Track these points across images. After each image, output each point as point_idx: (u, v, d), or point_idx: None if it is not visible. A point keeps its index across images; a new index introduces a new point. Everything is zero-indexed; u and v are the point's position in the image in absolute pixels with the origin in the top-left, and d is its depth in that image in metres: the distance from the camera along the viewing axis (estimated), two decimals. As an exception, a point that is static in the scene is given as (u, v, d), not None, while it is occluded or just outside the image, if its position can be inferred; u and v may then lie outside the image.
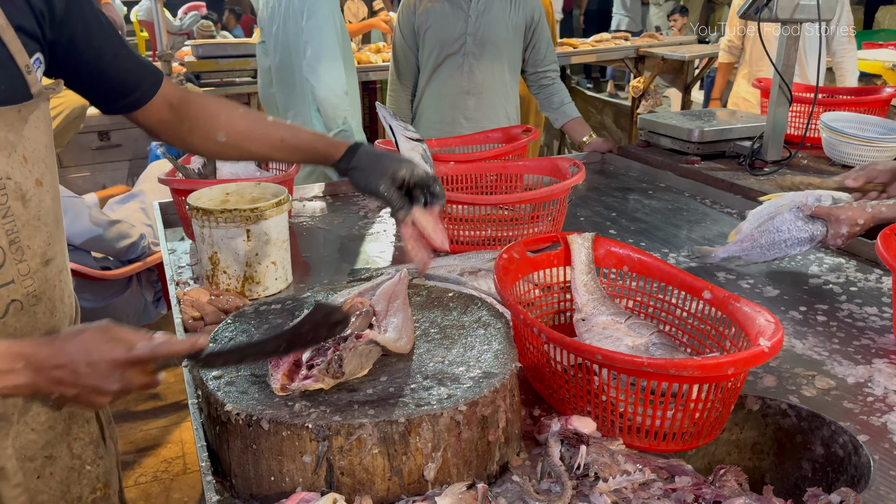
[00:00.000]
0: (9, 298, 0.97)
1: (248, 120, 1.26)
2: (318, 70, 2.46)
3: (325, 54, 2.44)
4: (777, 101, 2.37)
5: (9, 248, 0.96)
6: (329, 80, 2.44)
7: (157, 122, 1.21)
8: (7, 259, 0.96)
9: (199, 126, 1.23)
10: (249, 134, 1.24)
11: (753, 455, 1.24)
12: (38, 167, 0.99)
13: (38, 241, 1.01)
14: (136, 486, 2.66)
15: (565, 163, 1.97)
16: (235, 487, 0.99)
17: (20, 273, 0.98)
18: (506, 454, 1.03)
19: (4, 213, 0.95)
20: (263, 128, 1.26)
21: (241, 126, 1.25)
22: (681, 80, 5.45)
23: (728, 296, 1.17)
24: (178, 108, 1.21)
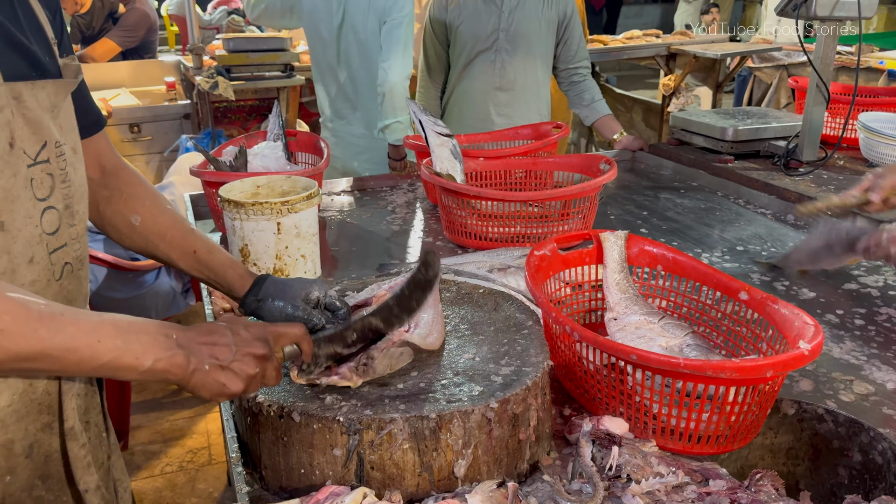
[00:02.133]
0: (63, 261, 0.99)
1: (171, 218, 1.18)
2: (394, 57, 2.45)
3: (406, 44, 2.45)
4: (814, 100, 2.33)
5: (64, 211, 0.98)
6: (403, 68, 2.45)
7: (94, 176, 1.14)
8: (62, 223, 0.98)
9: (119, 201, 1.16)
10: (165, 232, 1.17)
11: (788, 460, 1.21)
12: (71, 136, 1.02)
13: (83, 207, 1.04)
14: (162, 475, 2.69)
15: (596, 160, 1.95)
16: (265, 479, 0.99)
17: (71, 237, 1.00)
18: (536, 453, 1.02)
19: (64, 178, 0.98)
20: (182, 232, 1.18)
21: (162, 221, 1.17)
22: (712, 78, 5.37)
23: (765, 297, 1.14)
24: (108, 174, 1.16)
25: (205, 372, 0.86)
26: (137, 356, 0.81)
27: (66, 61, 1.01)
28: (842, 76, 4.40)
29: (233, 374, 0.87)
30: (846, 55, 4.54)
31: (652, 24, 7.24)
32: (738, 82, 6.47)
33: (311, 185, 1.60)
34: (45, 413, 0.98)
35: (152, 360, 0.82)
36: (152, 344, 0.82)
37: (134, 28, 5.17)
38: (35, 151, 0.93)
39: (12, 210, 0.91)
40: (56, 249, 0.98)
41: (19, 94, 0.91)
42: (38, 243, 0.95)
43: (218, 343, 0.87)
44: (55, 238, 0.98)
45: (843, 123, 2.40)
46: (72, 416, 1.01)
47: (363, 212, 2.20)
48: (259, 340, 0.90)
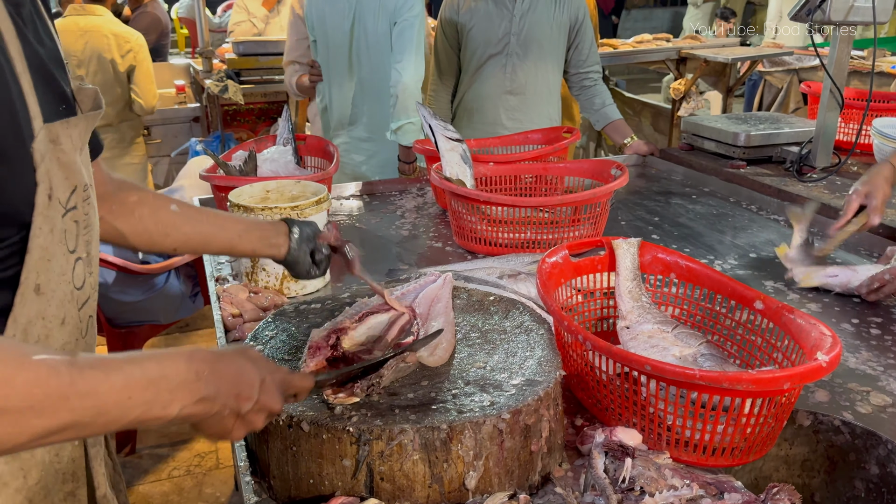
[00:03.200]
0: (87, 315, 0.93)
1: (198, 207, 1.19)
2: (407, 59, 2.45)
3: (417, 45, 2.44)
4: (827, 105, 2.30)
5: (86, 259, 0.90)
6: (416, 69, 2.44)
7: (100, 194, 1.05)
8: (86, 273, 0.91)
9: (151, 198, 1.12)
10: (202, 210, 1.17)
11: (803, 472, 1.19)
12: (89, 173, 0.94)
13: (96, 251, 0.96)
14: (169, 479, 2.69)
15: (607, 165, 1.94)
16: (274, 489, 0.98)
17: (91, 287, 0.93)
18: (548, 464, 1.01)
19: (86, 224, 0.90)
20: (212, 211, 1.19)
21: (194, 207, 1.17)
22: (723, 82, 5.35)
23: (781, 306, 1.13)
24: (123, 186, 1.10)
25: (221, 417, 0.79)
26: (165, 406, 0.73)
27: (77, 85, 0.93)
28: (853, 80, 4.37)
29: (243, 424, 0.82)
30: (857, 59, 4.51)
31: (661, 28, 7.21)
32: (749, 87, 6.44)
33: (320, 189, 1.59)
34: (69, 482, 0.93)
35: (179, 408, 0.74)
36: (180, 389, 0.74)
37: (145, 32, 5.19)
38: (66, 198, 0.85)
39: (49, 269, 0.83)
40: (83, 304, 0.91)
41: (56, 137, 0.82)
42: (70, 301, 0.87)
43: (244, 393, 0.80)
44: (82, 292, 0.90)
45: (856, 129, 2.37)
46: (103, 483, 0.97)
47: (372, 216, 2.19)
48: (279, 394, 0.84)
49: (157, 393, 0.72)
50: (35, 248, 0.80)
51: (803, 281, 1.62)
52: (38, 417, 0.64)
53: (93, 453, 0.96)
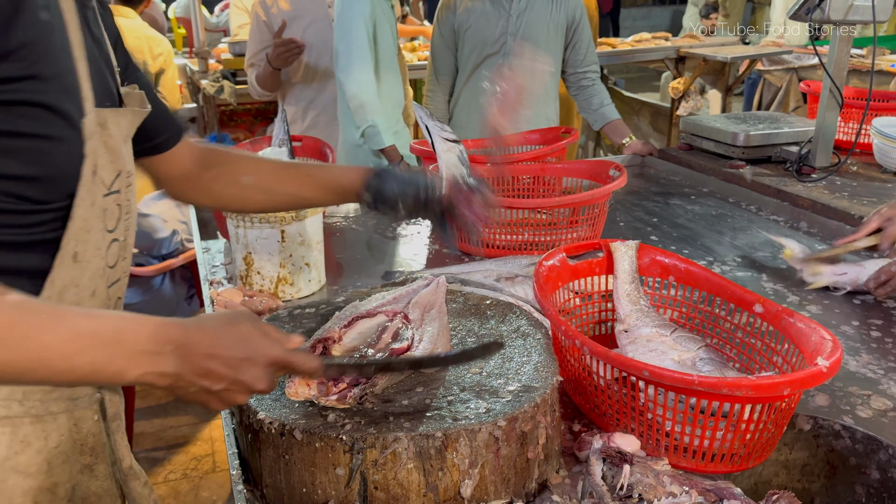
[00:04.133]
0: (116, 295, 0.97)
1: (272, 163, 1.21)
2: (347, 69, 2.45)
3: (355, 54, 2.43)
4: (827, 105, 2.29)
5: (123, 243, 0.96)
6: (357, 77, 2.43)
7: (181, 174, 1.17)
8: (120, 255, 0.96)
9: (224, 172, 1.18)
10: (276, 174, 1.19)
11: (803, 477, 1.18)
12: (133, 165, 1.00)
13: (132, 238, 1.02)
14: (166, 482, 2.67)
15: (606, 166, 1.92)
16: (266, 497, 0.97)
17: (123, 270, 0.99)
18: (545, 472, 0.99)
19: (128, 210, 0.96)
20: (288, 166, 1.22)
21: (268, 167, 1.20)
22: (722, 81, 5.33)
23: (781, 310, 1.11)
24: (202, 158, 1.18)
25: (188, 392, 0.79)
26: (119, 371, 0.73)
27: (127, 90, 1.00)
28: (853, 79, 4.36)
29: (219, 399, 0.80)
30: (857, 58, 4.50)
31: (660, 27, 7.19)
32: (748, 86, 6.42)
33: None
34: (87, 454, 0.95)
35: (137, 374, 0.74)
36: (139, 357, 0.74)
37: (141, 31, 5.17)
38: (111, 181, 0.91)
39: (87, 241, 0.88)
40: (113, 283, 0.96)
41: (105, 122, 0.89)
42: (101, 276, 0.92)
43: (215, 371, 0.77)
44: (114, 271, 0.95)
45: (856, 128, 2.36)
46: (127, 454, 0.99)
47: (368, 218, 2.17)
48: (264, 376, 0.81)
49: (108, 356, 0.72)
50: (77, 217, 0.86)
51: (814, 282, 1.61)
52: None
53: (113, 427, 0.98)
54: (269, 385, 0.82)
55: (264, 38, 2.86)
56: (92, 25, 0.93)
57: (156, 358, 0.74)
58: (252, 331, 0.81)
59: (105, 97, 0.91)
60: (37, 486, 0.91)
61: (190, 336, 0.77)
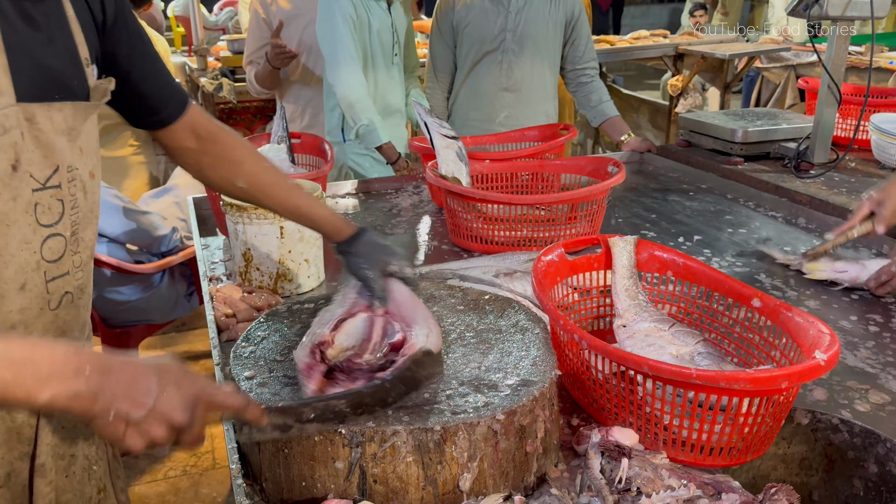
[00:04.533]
0: (63, 290, 0.96)
1: (272, 176, 1.24)
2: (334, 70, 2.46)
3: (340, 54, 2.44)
4: (825, 101, 2.29)
5: (69, 238, 0.95)
6: (345, 78, 2.44)
7: (180, 148, 1.20)
8: (66, 250, 0.95)
9: (221, 166, 1.21)
10: (269, 191, 1.23)
11: (801, 471, 1.18)
12: (91, 159, 0.99)
13: (90, 234, 1.01)
14: (166, 480, 2.67)
15: (604, 162, 1.93)
16: (266, 491, 0.97)
17: (74, 265, 0.98)
18: (544, 465, 0.99)
19: (73, 205, 0.95)
20: (284, 190, 1.24)
21: (264, 180, 1.22)
22: (720, 79, 5.33)
23: (779, 304, 1.11)
24: (205, 141, 1.20)
25: (106, 421, 0.75)
26: (29, 391, 0.71)
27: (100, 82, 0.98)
28: (851, 76, 4.36)
29: (136, 433, 0.77)
30: (855, 55, 4.50)
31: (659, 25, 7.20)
32: (746, 83, 6.42)
33: (314, 188, 1.58)
34: (24, 443, 0.95)
35: (48, 396, 0.71)
36: (51, 378, 0.72)
37: (139, 30, 5.17)
38: (45, 176, 0.90)
39: (6, 235, 0.87)
40: (56, 277, 0.95)
41: (32, 116, 0.87)
42: (35, 270, 0.91)
43: (135, 397, 0.75)
44: (57, 266, 0.95)
45: (854, 125, 2.36)
46: (45, 451, 0.97)
47: (367, 214, 2.18)
48: (184, 408, 0.78)
49: (18, 376, 0.71)
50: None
51: (810, 272, 1.61)
52: None
53: (42, 423, 0.98)
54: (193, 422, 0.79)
55: (263, 36, 2.86)
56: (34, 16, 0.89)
57: (70, 379, 0.73)
58: (177, 368, 0.80)
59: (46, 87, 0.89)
60: None
61: (111, 362, 0.76)
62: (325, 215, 1.25)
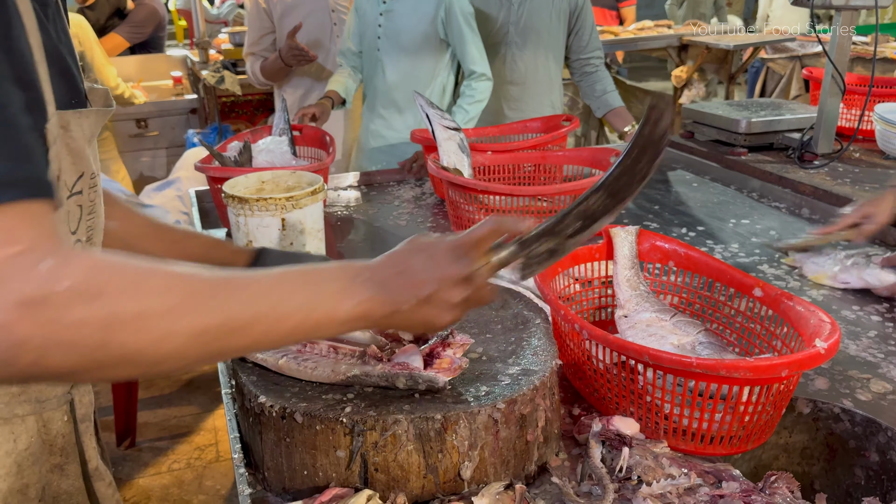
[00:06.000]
0: None
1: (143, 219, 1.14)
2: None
3: None
4: (829, 91, 2.28)
5: (85, 244, 0.93)
6: None
7: None
8: None
9: None
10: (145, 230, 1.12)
11: (802, 460, 1.18)
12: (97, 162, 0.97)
13: (100, 237, 0.99)
14: (170, 472, 2.69)
15: (606, 153, 1.92)
16: (268, 480, 0.97)
17: None
18: (544, 454, 1.00)
19: (91, 210, 0.92)
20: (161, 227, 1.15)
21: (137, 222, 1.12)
22: (725, 70, 5.31)
23: (780, 293, 1.11)
24: None
25: (407, 311, 0.77)
26: (333, 307, 0.72)
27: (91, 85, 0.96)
28: (857, 67, 4.34)
29: (437, 306, 0.78)
30: (860, 45, 4.47)
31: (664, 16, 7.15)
32: (751, 74, 6.39)
33: (316, 180, 1.58)
34: (56, 454, 0.95)
35: (351, 305, 0.73)
36: (345, 291, 0.73)
37: (142, 24, 5.16)
38: (73, 182, 0.88)
39: None
40: None
41: (67, 124, 0.85)
42: None
43: (415, 276, 0.77)
44: None
45: (858, 115, 2.35)
46: (94, 455, 0.98)
47: (370, 207, 2.18)
48: (457, 260, 0.79)
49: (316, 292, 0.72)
50: None
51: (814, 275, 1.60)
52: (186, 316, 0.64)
53: (82, 428, 0.98)
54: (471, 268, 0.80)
55: (264, 26, 2.86)
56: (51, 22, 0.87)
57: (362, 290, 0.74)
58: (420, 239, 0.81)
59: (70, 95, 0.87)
60: (6, 488, 0.90)
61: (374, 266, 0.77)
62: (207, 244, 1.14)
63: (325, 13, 2.94)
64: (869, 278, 1.50)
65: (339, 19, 2.96)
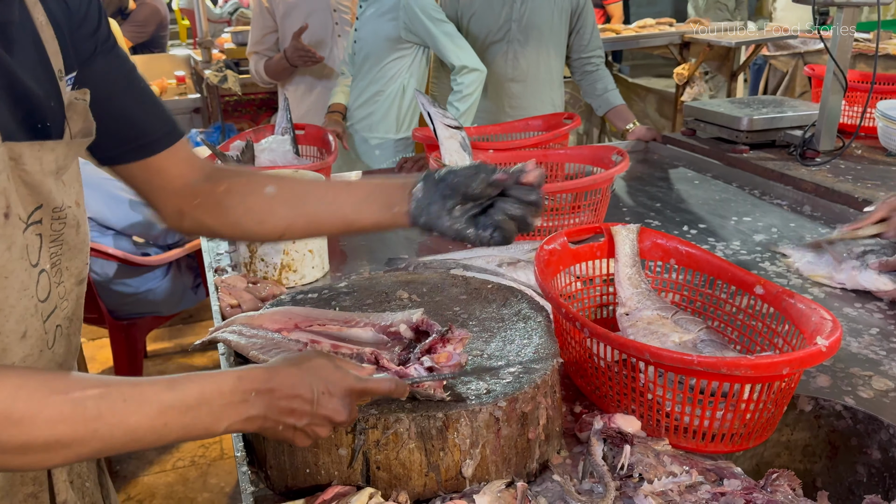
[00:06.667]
0: (55, 325, 0.91)
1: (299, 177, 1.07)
2: None
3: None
4: (831, 88, 2.28)
5: (50, 270, 0.89)
6: None
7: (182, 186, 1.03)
8: (50, 284, 0.89)
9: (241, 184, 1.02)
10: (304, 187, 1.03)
11: (804, 457, 1.19)
12: (74, 188, 0.92)
13: (78, 263, 0.95)
14: (174, 470, 2.70)
15: (608, 151, 1.92)
16: (271, 479, 0.98)
17: (59, 296, 0.92)
18: (546, 452, 1.00)
19: (54, 238, 0.89)
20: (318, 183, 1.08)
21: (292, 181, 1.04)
22: (727, 67, 5.30)
23: (781, 291, 1.11)
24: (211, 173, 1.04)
25: (276, 431, 0.81)
26: (208, 427, 0.75)
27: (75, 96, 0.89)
28: (859, 63, 4.33)
29: (304, 435, 0.83)
30: (863, 42, 4.46)
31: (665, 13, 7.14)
32: (753, 71, 6.37)
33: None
34: (29, 484, 0.93)
35: (225, 426, 0.76)
36: (225, 410, 0.76)
37: (144, 23, 5.18)
38: (28, 213, 0.83)
39: (5, 288, 0.80)
40: (49, 315, 0.89)
41: (19, 156, 0.80)
42: (33, 315, 0.85)
43: (298, 409, 0.80)
44: (48, 303, 0.88)
45: (860, 112, 2.35)
46: (64, 488, 0.96)
47: (372, 205, 2.17)
48: (343, 406, 0.83)
49: (196, 417, 0.74)
50: None
51: (811, 273, 1.60)
52: (66, 448, 0.69)
53: None
54: (350, 415, 0.84)
55: (267, 25, 2.87)
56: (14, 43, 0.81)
57: (241, 406, 0.77)
58: (326, 365, 0.83)
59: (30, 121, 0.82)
60: None
61: (270, 380, 0.79)
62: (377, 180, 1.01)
63: (327, 12, 2.95)
64: (865, 283, 1.50)
65: (341, 18, 2.97)
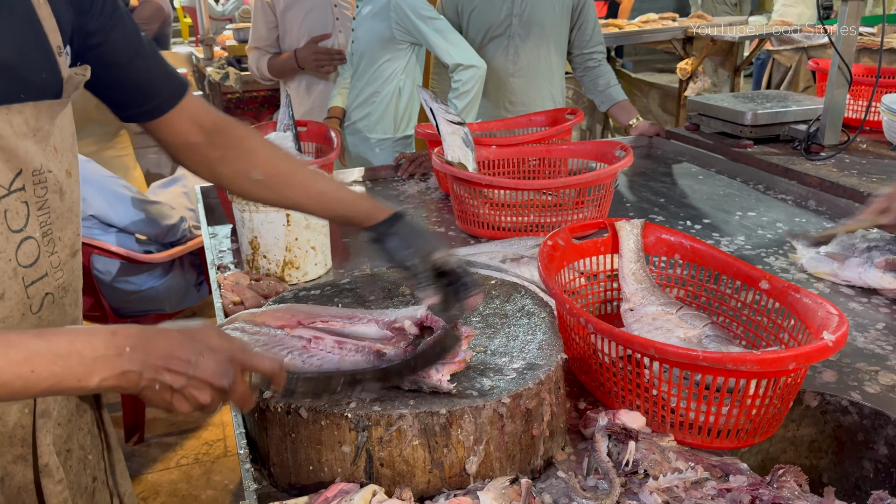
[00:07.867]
0: (43, 292, 0.94)
1: (290, 164, 1.14)
2: None
3: None
4: (836, 82, 2.27)
5: (41, 240, 0.93)
6: None
7: (183, 144, 1.10)
8: (41, 252, 0.93)
9: (234, 158, 1.11)
10: (289, 179, 1.12)
11: (810, 453, 1.18)
12: (66, 157, 0.96)
13: (69, 233, 0.98)
14: (178, 467, 2.70)
15: (611, 146, 1.91)
16: (274, 476, 0.97)
17: (52, 265, 0.95)
18: (550, 448, 0.99)
19: (41, 206, 0.92)
20: (305, 176, 1.14)
21: (282, 168, 1.12)
22: (730, 62, 5.27)
23: (787, 286, 1.11)
24: (212, 134, 1.10)
25: (154, 391, 0.78)
26: (80, 378, 0.74)
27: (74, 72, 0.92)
28: (864, 57, 4.30)
29: (182, 398, 0.80)
30: (867, 36, 4.44)
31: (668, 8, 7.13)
32: (757, 66, 6.35)
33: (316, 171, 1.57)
34: (17, 445, 0.95)
35: (98, 379, 0.75)
36: (97, 363, 0.74)
37: (147, 21, 5.17)
38: (9, 180, 0.87)
39: None
40: (35, 281, 0.93)
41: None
42: (12, 278, 0.89)
43: (174, 367, 0.78)
44: (33, 269, 0.92)
45: (865, 106, 2.33)
46: (46, 451, 0.97)
47: (375, 202, 2.17)
48: (222, 372, 0.80)
49: (66, 367, 0.73)
50: None
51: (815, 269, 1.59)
52: None
53: (39, 424, 0.98)
54: (234, 385, 0.81)
55: (268, 21, 2.87)
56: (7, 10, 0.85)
57: (114, 360, 0.75)
58: (211, 333, 0.82)
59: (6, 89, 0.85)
60: None
61: (146, 336, 0.78)
62: (353, 199, 1.13)
63: (328, 8, 2.94)
64: (871, 281, 1.49)
65: (342, 14, 2.96)
